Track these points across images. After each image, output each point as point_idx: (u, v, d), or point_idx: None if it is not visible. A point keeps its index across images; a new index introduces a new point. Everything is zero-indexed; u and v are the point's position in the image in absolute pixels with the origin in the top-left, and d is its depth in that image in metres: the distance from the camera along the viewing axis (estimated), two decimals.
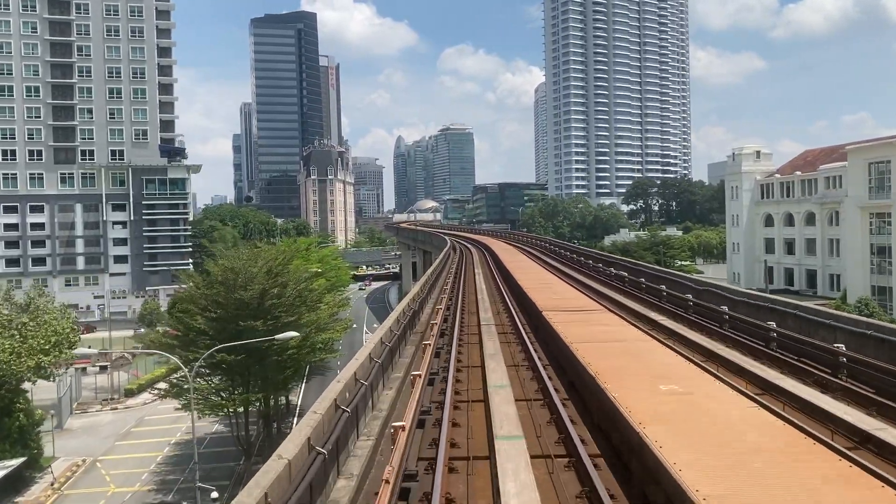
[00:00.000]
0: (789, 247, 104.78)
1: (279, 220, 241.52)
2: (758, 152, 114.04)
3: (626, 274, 37.45)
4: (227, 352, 38.61)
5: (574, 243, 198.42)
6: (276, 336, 32.11)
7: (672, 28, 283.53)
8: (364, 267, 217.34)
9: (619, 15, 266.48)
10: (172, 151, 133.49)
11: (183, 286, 43.88)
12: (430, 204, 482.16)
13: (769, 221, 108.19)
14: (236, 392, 41.29)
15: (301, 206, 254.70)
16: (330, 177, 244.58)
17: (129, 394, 71.60)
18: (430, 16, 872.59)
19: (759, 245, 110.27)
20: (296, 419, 61.40)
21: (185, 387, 39.47)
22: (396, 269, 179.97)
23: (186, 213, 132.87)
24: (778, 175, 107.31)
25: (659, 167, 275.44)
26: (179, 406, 43.08)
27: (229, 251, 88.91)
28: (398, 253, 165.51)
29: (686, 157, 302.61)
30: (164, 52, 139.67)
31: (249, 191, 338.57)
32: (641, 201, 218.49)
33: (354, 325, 76.44)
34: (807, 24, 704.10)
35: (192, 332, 41.38)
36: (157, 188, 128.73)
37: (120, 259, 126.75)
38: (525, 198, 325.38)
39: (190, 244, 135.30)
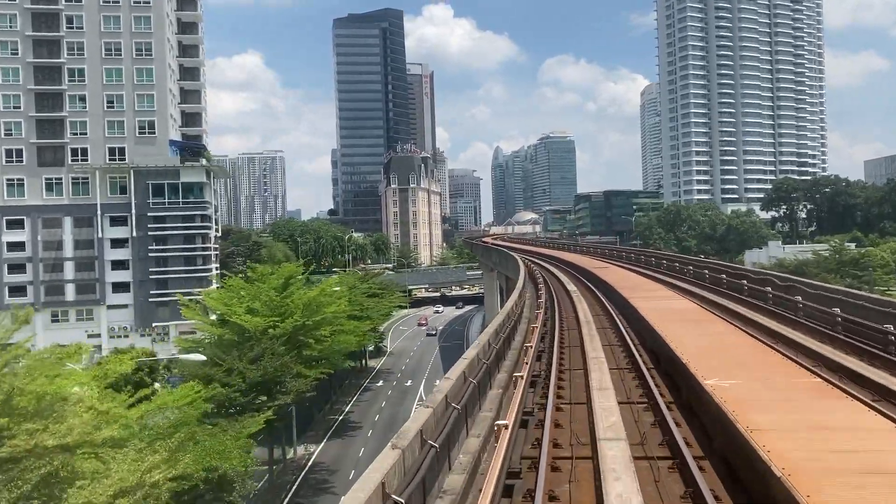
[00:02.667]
0: None
1: (359, 235, 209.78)
2: None
3: None
4: None
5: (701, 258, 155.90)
6: None
7: (807, 18, 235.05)
8: (455, 287, 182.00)
9: (746, 8, 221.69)
10: (187, 148, 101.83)
11: None
12: (529, 216, 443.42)
13: None
14: None
15: (382, 218, 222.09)
16: (412, 185, 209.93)
17: None
18: (530, 27, 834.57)
19: None
20: None
21: None
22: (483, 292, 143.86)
23: (207, 228, 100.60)
24: None
25: (794, 169, 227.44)
26: None
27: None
28: (481, 273, 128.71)
29: (824, 159, 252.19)
30: (189, 27, 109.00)
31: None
32: (784, 207, 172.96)
33: None
34: None
35: None
36: (167, 195, 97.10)
37: (120, 287, 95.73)
38: (634, 206, 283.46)
39: (213, 267, 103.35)
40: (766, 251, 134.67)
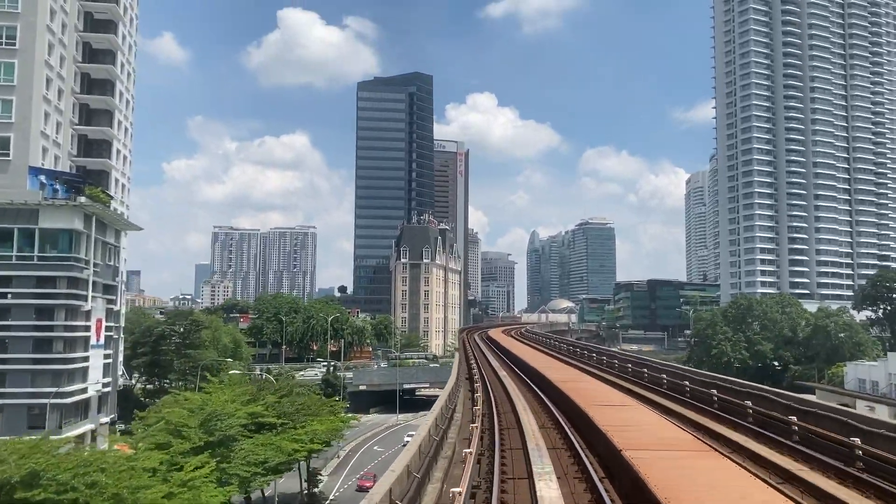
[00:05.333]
0: None
1: (364, 316, 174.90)
2: None
3: None
4: None
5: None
6: None
7: (888, 92, 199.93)
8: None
9: (818, 83, 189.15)
10: (69, 182, 68.98)
11: None
12: (565, 304, 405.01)
13: None
14: None
15: (391, 297, 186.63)
16: (425, 260, 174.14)
17: None
18: (573, 117, 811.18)
19: None
20: None
21: None
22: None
23: (78, 298, 66.41)
24: None
25: (875, 263, 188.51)
26: None
27: None
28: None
29: None
30: (102, 25, 78.39)
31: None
32: (885, 306, 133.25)
33: None
34: None
35: None
36: (15, 246, 63.82)
37: None
38: (681, 299, 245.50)
39: (93, 356, 68.82)
40: (882, 366, 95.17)
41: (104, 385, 74.17)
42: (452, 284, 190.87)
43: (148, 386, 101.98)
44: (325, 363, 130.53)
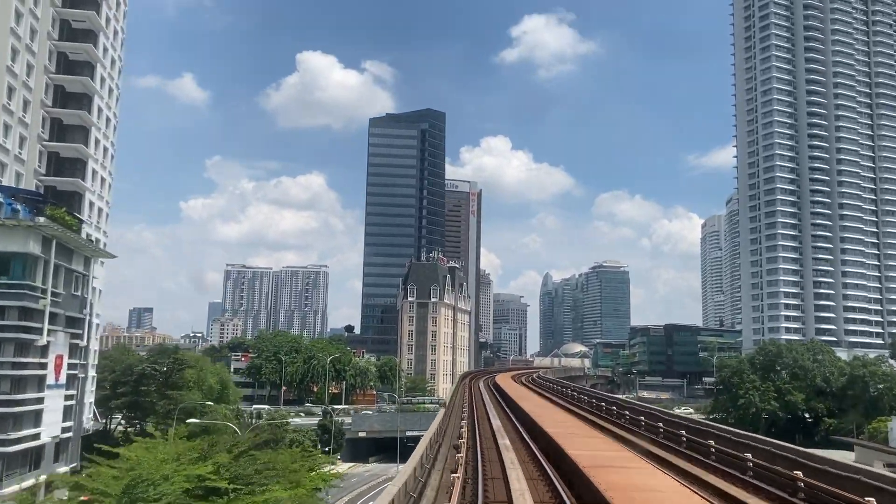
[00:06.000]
0: None
1: (369, 357, 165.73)
2: None
3: None
4: None
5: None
6: None
7: None
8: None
9: (844, 121, 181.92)
10: (30, 201, 61.37)
11: None
12: (578, 348, 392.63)
13: None
14: None
15: (398, 338, 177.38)
16: (433, 299, 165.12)
17: None
18: (586, 161, 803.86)
19: None
20: None
21: None
22: None
23: (31, 332, 58.15)
24: None
25: None
26: None
27: None
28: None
29: None
30: (81, 35, 71.85)
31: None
32: None
33: None
34: None
35: None
36: None
37: None
38: (699, 345, 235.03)
39: (55, 396, 60.30)
40: None
41: (64, 430, 65.59)
42: (462, 325, 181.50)
43: (129, 429, 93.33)
44: (321, 407, 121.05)
